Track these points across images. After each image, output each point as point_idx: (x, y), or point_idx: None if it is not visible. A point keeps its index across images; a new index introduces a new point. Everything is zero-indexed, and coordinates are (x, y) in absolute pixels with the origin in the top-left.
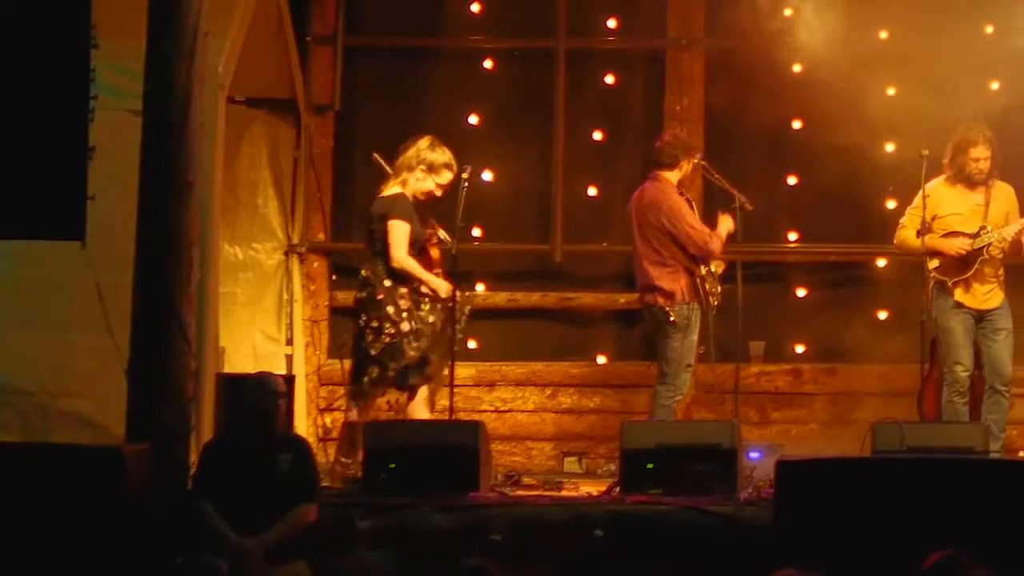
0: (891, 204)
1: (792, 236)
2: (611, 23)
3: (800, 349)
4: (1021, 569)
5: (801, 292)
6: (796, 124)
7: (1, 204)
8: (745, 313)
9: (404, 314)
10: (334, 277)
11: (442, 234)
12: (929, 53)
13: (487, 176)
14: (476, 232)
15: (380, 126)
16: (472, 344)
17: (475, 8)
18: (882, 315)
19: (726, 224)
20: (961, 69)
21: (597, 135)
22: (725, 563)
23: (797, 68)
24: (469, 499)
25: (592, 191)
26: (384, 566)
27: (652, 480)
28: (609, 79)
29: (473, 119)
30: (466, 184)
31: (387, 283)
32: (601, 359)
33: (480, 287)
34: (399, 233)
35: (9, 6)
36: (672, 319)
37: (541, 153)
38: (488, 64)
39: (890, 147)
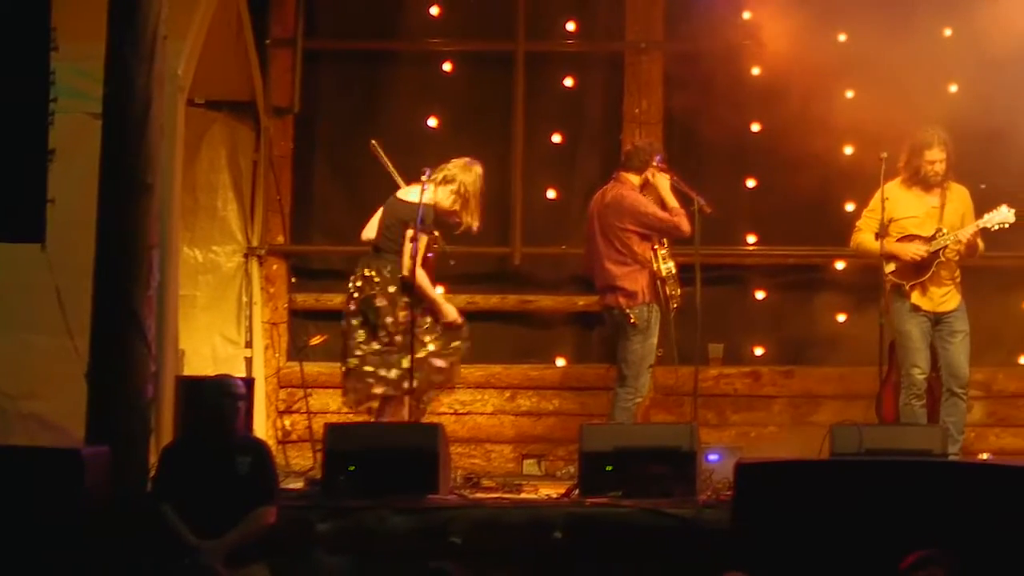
0: (850, 207)
1: (751, 239)
2: (570, 26)
3: (759, 351)
4: (978, 570)
5: (760, 295)
6: (755, 127)
7: None
8: (704, 315)
9: (401, 327)
10: (293, 280)
11: (441, 242)
12: (887, 56)
13: None
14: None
15: (339, 129)
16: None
17: (434, 11)
18: (840, 318)
19: (664, 185)
20: (919, 72)
21: (556, 138)
22: (684, 565)
23: (756, 71)
24: (428, 501)
25: (551, 194)
26: (343, 568)
27: (611, 482)
28: (568, 82)
29: (432, 122)
30: (427, 185)
31: (391, 289)
32: (560, 362)
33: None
34: (421, 246)
35: None
36: (632, 321)
37: (500, 156)
38: (447, 67)
39: (848, 150)
